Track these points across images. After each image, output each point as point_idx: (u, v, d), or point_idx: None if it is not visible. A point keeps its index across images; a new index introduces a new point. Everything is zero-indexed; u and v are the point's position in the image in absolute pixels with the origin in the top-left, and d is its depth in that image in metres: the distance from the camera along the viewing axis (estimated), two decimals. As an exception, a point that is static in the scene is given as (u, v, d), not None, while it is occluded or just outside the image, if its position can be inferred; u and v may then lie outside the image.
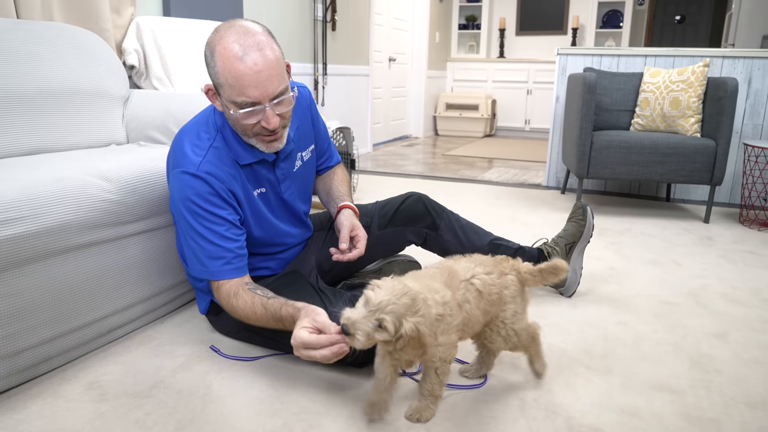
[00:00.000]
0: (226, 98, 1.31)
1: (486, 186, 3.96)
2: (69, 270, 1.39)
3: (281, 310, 1.29)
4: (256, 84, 1.26)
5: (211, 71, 1.31)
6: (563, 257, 1.92)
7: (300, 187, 1.63)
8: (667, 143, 2.97)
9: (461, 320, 1.21)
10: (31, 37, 1.85)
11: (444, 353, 1.19)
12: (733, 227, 2.99)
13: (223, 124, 1.42)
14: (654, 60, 3.56)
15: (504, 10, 7.36)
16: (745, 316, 1.87)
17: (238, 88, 1.26)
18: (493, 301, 1.27)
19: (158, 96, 2.21)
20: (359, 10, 5.01)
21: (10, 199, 1.25)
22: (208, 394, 1.35)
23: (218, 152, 1.40)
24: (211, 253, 1.37)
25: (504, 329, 1.31)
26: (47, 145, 1.82)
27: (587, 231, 1.94)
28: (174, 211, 1.43)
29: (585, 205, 1.97)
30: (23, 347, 1.31)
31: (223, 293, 1.39)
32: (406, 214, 1.79)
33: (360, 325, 1.07)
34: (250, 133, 1.37)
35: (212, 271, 1.38)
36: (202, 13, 2.94)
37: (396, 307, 1.06)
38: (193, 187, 1.35)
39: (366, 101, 5.36)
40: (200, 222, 1.37)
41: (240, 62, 1.24)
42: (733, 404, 1.35)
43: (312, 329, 1.17)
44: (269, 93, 1.28)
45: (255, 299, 1.34)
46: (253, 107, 1.29)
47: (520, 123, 7.22)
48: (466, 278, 1.24)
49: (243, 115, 1.30)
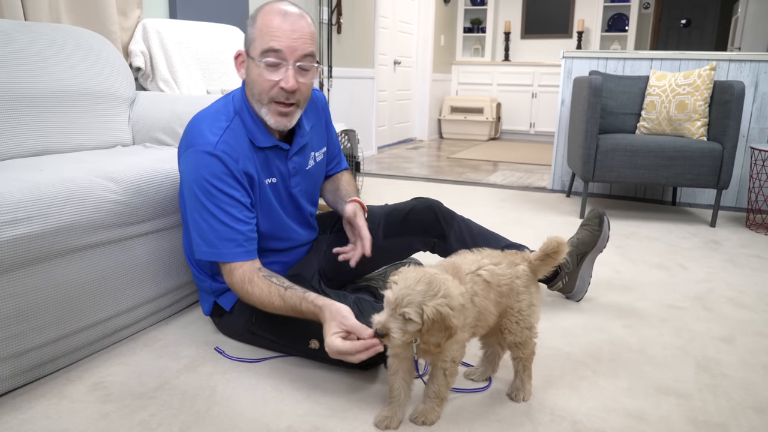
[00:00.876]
0: (256, 50, 1.34)
1: (491, 189, 3.96)
2: (75, 270, 1.39)
3: (301, 305, 1.30)
4: (287, 37, 1.32)
5: (248, 31, 1.36)
6: (573, 267, 1.88)
7: (309, 187, 1.63)
8: (673, 147, 2.96)
9: (474, 316, 1.19)
10: (38, 38, 1.86)
11: (455, 353, 1.18)
12: (740, 231, 2.98)
13: (241, 108, 1.44)
14: (660, 63, 3.55)
15: (509, 14, 7.36)
16: (752, 321, 1.85)
17: (269, 35, 1.32)
18: (503, 292, 1.25)
19: (164, 98, 2.22)
20: (364, 13, 5.02)
21: (17, 199, 1.25)
22: (213, 395, 1.35)
23: (235, 134, 1.41)
24: (222, 234, 1.37)
25: (522, 320, 1.28)
26: (54, 146, 1.83)
27: (601, 241, 1.87)
28: (186, 192, 1.41)
29: (603, 214, 1.89)
30: (29, 347, 1.31)
31: (236, 278, 1.38)
32: (414, 224, 1.73)
33: (390, 325, 1.09)
34: (266, 97, 1.38)
35: (223, 253, 1.37)
36: (208, 16, 2.95)
37: (413, 297, 1.07)
38: (208, 165, 1.35)
39: (371, 104, 5.36)
40: (213, 202, 1.36)
41: (279, 17, 1.33)
42: (740, 409, 1.34)
43: (343, 333, 1.18)
44: (296, 49, 1.33)
45: (272, 289, 1.34)
46: (277, 59, 1.33)
47: (525, 126, 7.21)
48: (472, 270, 1.22)
49: (266, 68, 1.33)
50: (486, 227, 1.85)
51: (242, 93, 1.47)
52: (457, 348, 1.18)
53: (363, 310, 1.41)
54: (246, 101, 1.45)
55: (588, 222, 1.90)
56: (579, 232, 1.92)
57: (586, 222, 1.92)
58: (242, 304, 1.55)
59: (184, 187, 1.42)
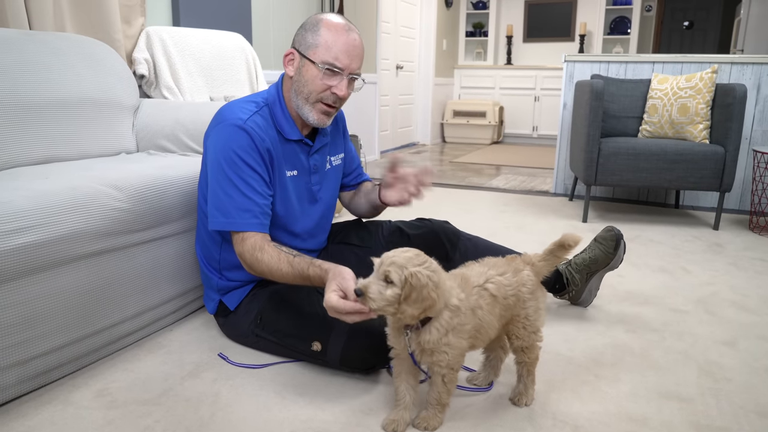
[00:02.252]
0: (316, 57, 1.45)
1: (494, 193, 3.96)
2: (79, 278, 1.40)
3: (308, 270, 1.35)
4: (350, 54, 1.46)
5: (308, 35, 1.46)
6: (582, 284, 1.87)
7: (327, 190, 1.68)
8: (675, 150, 2.96)
9: (473, 326, 1.21)
10: (43, 47, 1.88)
11: (452, 360, 1.19)
12: (743, 234, 2.97)
13: (274, 101, 1.53)
14: (662, 66, 3.55)
15: (511, 17, 7.37)
16: (755, 324, 1.85)
17: (336, 50, 1.44)
18: (509, 304, 1.27)
19: (168, 105, 2.24)
20: (367, 18, 5.04)
21: (22, 208, 1.26)
22: (217, 401, 1.36)
23: (264, 119, 1.50)
24: (240, 204, 1.42)
25: (529, 325, 1.30)
26: (58, 154, 1.84)
27: (615, 263, 1.84)
28: (210, 164, 1.47)
29: (620, 237, 1.83)
30: (34, 354, 1.32)
31: (247, 245, 1.42)
32: (418, 247, 1.72)
33: (371, 286, 1.13)
34: (315, 97, 1.48)
35: (238, 222, 1.42)
36: (211, 23, 2.97)
37: (398, 259, 1.12)
38: (236, 138, 1.43)
39: (373, 109, 5.38)
40: (236, 172, 1.43)
41: (345, 33, 1.46)
42: (742, 413, 1.34)
43: (341, 293, 1.23)
44: (353, 67, 1.48)
45: (281, 255, 1.40)
46: (335, 70, 1.45)
47: (527, 130, 7.22)
48: (480, 284, 1.24)
49: (324, 75, 1.45)
50: (492, 241, 1.85)
51: (277, 88, 1.55)
52: (453, 355, 1.19)
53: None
54: (280, 96, 1.54)
55: (603, 241, 1.84)
56: (592, 248, 1.86)
57: (601, 240, 1.85)
58: (247, 304, 1.58)
59: (209, 160, 1.48)
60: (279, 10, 3.75)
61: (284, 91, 1.54)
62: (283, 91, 1.55)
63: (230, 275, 1.59)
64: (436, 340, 1.17)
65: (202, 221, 1.61)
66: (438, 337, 1.17)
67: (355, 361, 1.42)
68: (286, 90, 1.54)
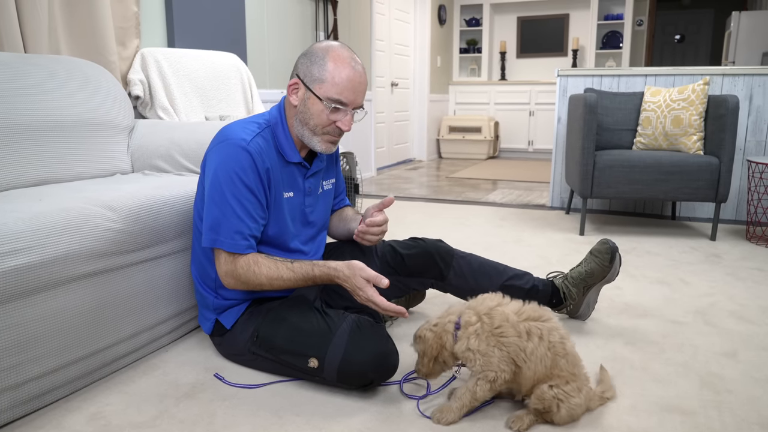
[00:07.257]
0: (322, 92, 1.45)
1: (490, 208, 3.97)
2: (73, 300, 1.39)
3: (314, 271, 1.43)
4: (355, 90, 1.48)
5: (314, 69, 1.46)
6: (580, 297, 1.85)
7: (319, 213, 1.69)
8: (670, 161, 2.97)
9: (516, 347, 1.26)
10: (38, 71, 1.89)
11: (484, 364, 1.25)
12: (740, 244, 2.97)
13: (276, 123, 1.55)
14: (654, 79, 3.58)
15: (504, 34, 7.44)
16: (755, 334, 1.84)
17: (341, 87, 1.45)
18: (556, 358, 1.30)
19: (163, 126, 2.24)
20: (360, 36, 5.09)
21: (15, 230, 1.26)
22: (212, 423, 1.34)
23: (265, 141, 1.51)
24: (233, 225, 1.44)
25: (561, 394, 1.30)
26: (53, 176, 1.84)
27: (611, 275, 1.82)
28: (209, 182, 1.47)
29: (615, 249, 1.81)
30: (27, 378, 1.31)
31: (240, 263, 1.45)
32: (411, 267, 1.78)
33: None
34: (321, 130, 1.50)
35: (227, 243, 1.44)
36: (206, 44, 2.99)
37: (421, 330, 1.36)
38: (238, 158, 1.44)
39: (369, 126, 5.40)
40: (233, 192, 1.44)
41: (351, 68, 1.46)
42: (745, 425, 1.33)
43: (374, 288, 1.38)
44: (358, 102, 1.50)
45: (278, 264, 1.45)
46: (340, 106, 1.47)
47: (523, 144, 7.25)
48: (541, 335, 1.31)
49: (330, 111, 1.47)
50: (487, 258, 1.84)
51: (279, 110, 1.56)
52: (483, 362, 1.26)
53: (362, 329, 1.41)
54: (283, 119, 1.55)
55: (599, 255, 1.83)
56: (588, 261, 1.84)
57: (596, 254, 1.83)
58: (244, 322, 1.57)
59: (208, 178, 1.48)
60: (274, 29, 3.78)
61: (287, 117, 1.55)
62: (286, 117, 1.55)
63: (226, 294, 1.58)
64: (463, 350, 1.28)
65: (198, 240, 1.60)
66: (465, 345, 1.28)
67: (352, 377, 1.41)
68: (289, 116, 1.55)
